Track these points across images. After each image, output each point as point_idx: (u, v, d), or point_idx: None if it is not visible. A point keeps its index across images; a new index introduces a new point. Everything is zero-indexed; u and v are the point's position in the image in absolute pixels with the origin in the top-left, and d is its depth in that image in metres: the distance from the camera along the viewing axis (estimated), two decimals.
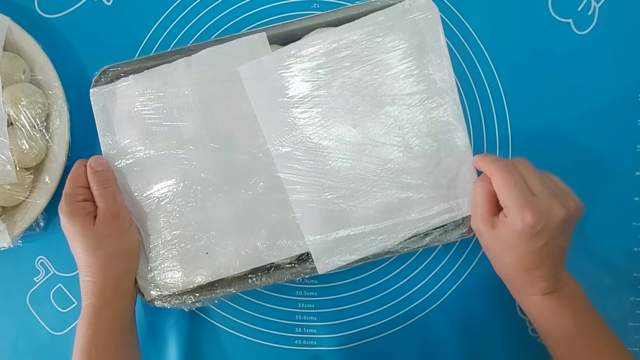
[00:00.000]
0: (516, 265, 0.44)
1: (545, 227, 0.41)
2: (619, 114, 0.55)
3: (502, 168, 0.44)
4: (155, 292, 0.51)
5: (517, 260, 0.44)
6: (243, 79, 0.51)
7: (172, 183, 0.51)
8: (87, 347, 0.45)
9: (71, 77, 0.54)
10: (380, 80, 0.50)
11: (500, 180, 0.43)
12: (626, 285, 0.54)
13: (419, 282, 0.55)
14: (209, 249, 0.51)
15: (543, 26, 0.56)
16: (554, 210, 0.42)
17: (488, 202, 0.45)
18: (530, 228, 0.41)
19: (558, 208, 0.42)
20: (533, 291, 0.44)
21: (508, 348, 0.54)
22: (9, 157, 0.51)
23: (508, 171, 0.43)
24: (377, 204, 0.50)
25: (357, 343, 0.55)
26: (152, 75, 0.51)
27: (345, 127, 0.50)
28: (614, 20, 0.56)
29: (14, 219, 0.53)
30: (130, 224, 0.50)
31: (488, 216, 0.45)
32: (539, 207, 0.41)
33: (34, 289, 0.56)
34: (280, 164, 0.50)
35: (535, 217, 0.41)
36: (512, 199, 0.42)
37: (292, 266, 0.51)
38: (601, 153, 0.55)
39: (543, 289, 0.44)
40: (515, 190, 0.42)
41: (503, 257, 0.45)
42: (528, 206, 0.41)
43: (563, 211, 0.42)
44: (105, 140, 0.52)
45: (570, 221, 0.43)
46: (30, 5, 0.58)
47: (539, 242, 0.42)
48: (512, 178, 0.43)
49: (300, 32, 0.52)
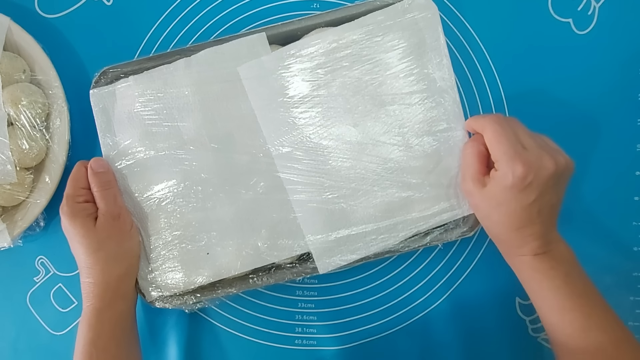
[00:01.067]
0: (507, 224, 0.44)
1: (535, 180, 0.41)
2: (619, 114, 0.55)
3: (494, 121, 0.44)
4: (156, 293, 0.51)
5: (508, 218, 0.43)
6: (243, 79, 0.51)
7: (172, 184, 0.51)
8: (88, 349, 0.45)
9: (71, 77, 0.54)
10: (380, 79, 0.50)
11: (492, 133, 0.43)
12: (626, 285, 0.54)
13: (419, 282, 0.55)
14: (209, 250, 0.51)
15: (543, 26, 0.56)
16: (544, 163, 0.41)
17: (478, 162, 0.45)
18: (520, 180, 0.41)
19: (547, 160, 0.42)
20: (524, 251, 0.44)
21: (508, 348, 0.54)
22: (9, 157, 0.51)
23: (499, 123, 0.43)
24: (377, 203, 0.50)
25: (357, 343, 0.55)
26: (152, 76, 0.51)
27: (345, 127, 0.50)
28: (614, 20, 0.56)
29: (14, 218, 0.53)
30: (131, 225, 0.50)
31: (479, 175, 0.45)
32: (529, 159, 0.41)
33: (34, 289, 0.56)
34: (281, 163, 0.50)
35: (525, 168, 0.41)
36: (502, 151, 0.42)
37: (293, 266, 0.51)
38: (601, 153, 0.55)
39: (534, 248, 0.44)
40: (507, 142, 0.42)
41: (493, 215, 0.44)
42: (518, 158, 0.41)
43: (552, 164, 0.42)
44: (105, 141, 0.52)
45: (560, 177, 0.43)
46: (30, 5, 0.58)
47: (529, 197, 0.42)
48: (504, 130, 0.43)
49: (300, 32, 0.52)
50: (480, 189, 0.45)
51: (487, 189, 0.44)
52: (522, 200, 0.42)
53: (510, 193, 0.42)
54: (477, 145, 0.46)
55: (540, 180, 0.41)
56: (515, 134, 0.43)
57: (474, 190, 0.45)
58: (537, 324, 0.54)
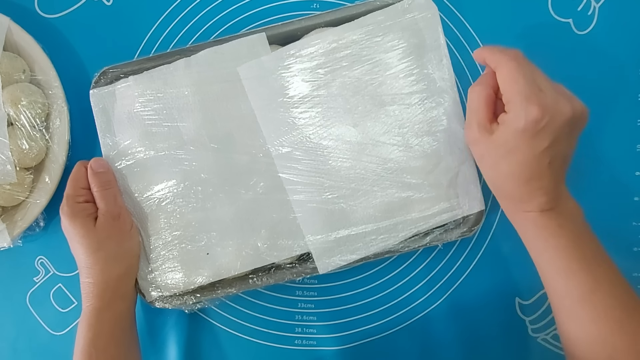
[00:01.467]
0: (516, 174, 0.41)
1: (550, 125, 0.38)
2: (619, 114, 0.55)
3: (511, 57, 0.40)
4: (156, 293, 0.51)
5: (517, 168, 0.40)
6: (243, 79, 0.51)
7: (172, 184, 0.51)
8: (88, 349, 0.45)
9: (71, 77, 0.54)
10: (380, 79, 0.50)
11: (507, 70, 0.40)
12: None
13: (419, 282, 0.55)
14: (209, 250, 0.51)
15: (543, 26, 0.56)
16: (560, 107, 0.39)
17: (486, 107, 0.42)
18: (534, 123, 0.38)
19: (564, 104, 0.39)
20: (531, 207, 0.41)
21: (508, 348, 0.54)
22: (9, 157, 0.51)
23: (517, 60, 0.40)
24: (377, 203, 0.50)
25: (357, 343, 0.55)
26: (151, 76, 0.51)
27: (345, 127, 0.50)
28: (614, 20, 0.56)
29: (14, 219, 0.53)
30: (130, 225, 0.50)
31: (485, 122, 0.42)
32: (545, 101, 0.38)
33: (34, 289, 0.56)
34: (281, 164, 0.50)
35: (540, 110, 0.38)
36: (517, 90, 0.39)
37: (292, 266, 0.51)
38: (601, 153, 0.55)
39: (542, 204, 0.41)
40: (523, 80, 0.39)
41: (502, 165, 0.41)
42: (534, 98, 0.38)
43: (569, 108, 0.39)
44: (105, 142, 0.52)
45: (575, 125, 0.40)
46: (30, 5, 0.58)
47: (542, 143, 0.39)
48: (522, 68, 0.39)
49: (299, 32, 0.52)
50: (487, 136, 0.41)
51: (496, 135, 0.41)
52: (534, 147, 0.39)
53: (522, 138, 0.39)
54: (486, 89, 0.42)
55: (555, 126, 0.38)
56: (532, 74, 0.40)
57: (481, 137, 0.42)
58: (537, 324, 0.54)
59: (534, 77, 0.40)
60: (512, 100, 0.39)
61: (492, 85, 0.42)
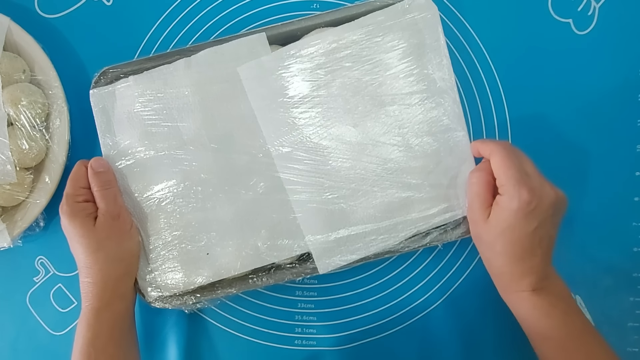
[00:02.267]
0: (510, 252, 0.44)
1: (538, 207, 0.43)
2: (619, 114, 0.55)
3: (502, 146, 0.45)
4: (156, 293, 0.51)
5: (511, 246, 0.44)
6: (243, 80, 0.51)
7: (172, 184, 0.51)
8: (87, 349, 0.45)
9: (71, 77, 0.54)
10: (380, 80, 0.50)
11: (500, 157, 0.44)
12: (626, 285, 0.54)
13: (419, 282, 0.55)
14: (209, 250, 0.51)
15: (543, 26, 0.56)
16: (546, 190, 0.43)
17: (486, 191, 0.46)
18: (525, 204, 0.42)
19: (549, 189, 0.44)
20: (523, 286, 0.44)
21: (508, 348, 0.54)
22: (9, 157, 0.51)
23: (507, 149, 0.45)
24: (377, 203, 0.50)
25: (357, 343, 0.55)
26: (151, 76, 0.51)
27: (345, 127, 0.50)
28: (614, 20, 0.56)
29: (14, 219, 0.53)
30: (130, 225, 0.50)
31: (487, 205, 0.46)
32: (533, 185, 0.43)
33: (34, 289, 0.56)
34: (281, 164, 0.50)
35: (530, 194, 0.42)
36: (509, 175, 0.43)
37: (292, 266, 0.51)
38: (601, 153, 0.55)
39: (533, 283, 0.44)
40: (514, 167, 0.43)
41: (497, 244, 0.45)
42: (524, 183, 0.43)
43: (554, 192, 0.44)
44: (105, 142, 0.52)
45: (558, 208, 0.44)
46: (30, 5, 0.58)
47: (532, 222, 0.43)
48: (511, 156, 0.44)
49: (299, 32, 0.52)
50: (485, 219, 0.45)
51: (492, 217, 0.45)
52: (526, 226, 0.43)
53: (515, 217, 0.43)
54: (486, 175, 0.46)
55: (543, 207, 0.43)
56: (520, 161, 0.44)
57: (480, 219, 0.46)
58: None
59: (522, 164, 0.44)
60: (505, 184, 0.44)
61: (490, 172, 0.46)
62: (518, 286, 0.45)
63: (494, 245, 0.45)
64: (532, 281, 0.44)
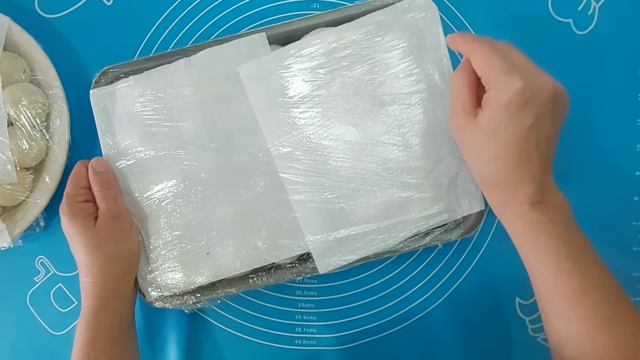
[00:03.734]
0: (502, 157, 0.39)
1: (534, 97, 0.37)
2: (619, 114, 0.55)
3: (482, 43, 0.40)
4: (156, 293, 0.51)
5: (503, 150, 0.39)
6: (243, 79, 0.51)
7: (172, 184, 0.51)
8: (86, 349, 0.45)
9: (71, 77, 0.54)
10: (380, 79, 0.50)
11: (480, 54, 0.39)
12: (626, 285, 0.53)
13: (419, 282, 0.55)
14: (209, 250, 0.51)
15: (543, 26, 0.56)
16: (542, 80, 0.38)
17: (469, 90, 0.41)
18: (518, 94, 0.37)
19: (546, 78, 0.39)
20: (520, 199, 0.40)
21: (508, 348, 0.54)
22: (9, 157, 0.51)
23: (489, 45, 0.40)
24: (377, 203, 0.50)
25: (357, 343, 0.55)
26: (151, 76, 0.51)
27: (345, 127, 0.50)
28: (614, 20, 0.56)
29: (14, 218, 0.53)
30: (130, 225, 0.50)
31: (470, 106, 0.41)
32: (525, 72, 0.38)
33: (34, 289, 0.56)
34: (281, 164, 0.50)
35: (523, 81, 0.37)
36: (496, 67, 0.38)
37: (292, 266, 0.51)
38: (601, 153, 0.55)
39: (531, 195, 0.40)
40: (497, 58, 0.38)
41: (487, 148, 0.40)
42: (515, 71, 0.38)
43: (552, 82, 0.38)
44: (105, 141, 0.52)
45: (558, 104, 0.39)
46: (30, 5, 0.58)
47: (527, 119, 0.38)
48: (494, 50, 0.39)
49: (300, 32, 0.52)
50: (471, 121, 0.40)
51: (480, 117, 0.40)
52: (520, 123, 0.38)
53: (506, 112, 0.38)
54: (467, 74, 0.41)
55: (539, 99, 0.38)
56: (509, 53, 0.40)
57: (465, 122, 0.41)
58: (537, 324, 0.54)
59: (508, 55, 0.39)
60: (493, 77, 0.39)
61: (472, 70, 0.41)
62: (514, 199, 0.41)
63: (483, 150, 0.40)
64: (529, 193, 0.40)
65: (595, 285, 0.40)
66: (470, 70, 0.42)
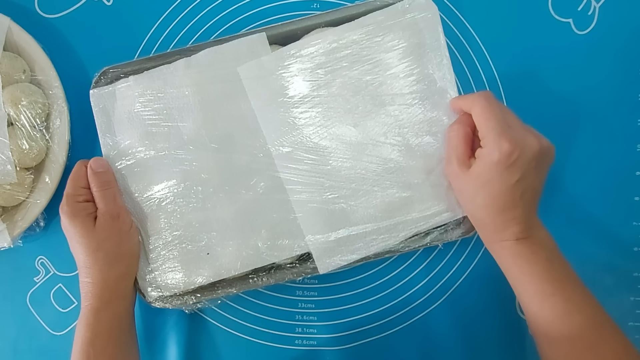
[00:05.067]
0: (491, 205, 0.44)
1: (520, 159, 0.42)
2: (619, 114, 0.55)
3: (482, 97, 0.44)
4: (156, 293, 0.51)
5: (492, 200, 0.44)
6: (243, 79, 0.51)
7: (172, 184, 0.51)
8: (86, 349, 0.45)
9: (71, 77, 0.54)
10: (380, 79, 0.50)
11: (480, 109, 0.44)
12: (626, 285, 0.54)
13: (419, 282, 0.55)
14: (209, 250, 0.51)
15: (543, 26, 0.56)
16: (528, 141, 0.42)
17: (464, 143, 0.46)
18: (506, 157, 0.42)
19: (532, 139, 0.43)
20: (506, 235, 0.44)
21: (508, 348, 0.54)
22: (9, 157, 0.51)
23: (488, 100, 0.44)
24: (377, 203, 0.50)
25: (357, 343, 0.55)
26: (152, 76, 0.51)
27: (345, 127, 0.50)
28: (614, 20, 0.56)
29: (14, 219, 0.53)
30: (130, 225, 0.50)
31: (464, 157, 0.46)
32: (514, 136, 0.42)
33: (34, 289, 0.56)
34: (281, 164, 0.50)
35: (511, 145, 0.41)
36: (490, 127, 0.43)
37: (293, 266, 0.51)
38: (601, 153, 0.55)
39: (516, 232, 0.44)
40: (494, 118, 0.43)
41: (478, 197, 0.44)
42: (505, 134, 0.42)
43: (536, 143, 0.43)
44: (105, 141, 0.52)
45: (543, 159, 0.43)
46: (30, 5, 0.58)
47: (513, 176, 0.42)
48: (492, 107, 0.43)
49: (300, 32, 0.52)
50: (465, 171, 0.45)
51: (473, 169, 0.44)
52: (507, 179, 0.42)
53: (496, 170, 0.42)
54: (464, 127, 0.46)
55: (525, 159, 0.42)
56: (502, 112, 0.44)
57: (460, 172, 0.45)
58: None
59: (504, 115, 0.44)
60: (486, 136, 0.43)
61: (469, 124, 0.46)
62: (501, 236, 0.45)
63: (474, 198, 0.45)
64: (515, 231, 0.44)
65: (578, 308, 0.43)
66: (466, 124, 0.46)
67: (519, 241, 0.44)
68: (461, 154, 0.46)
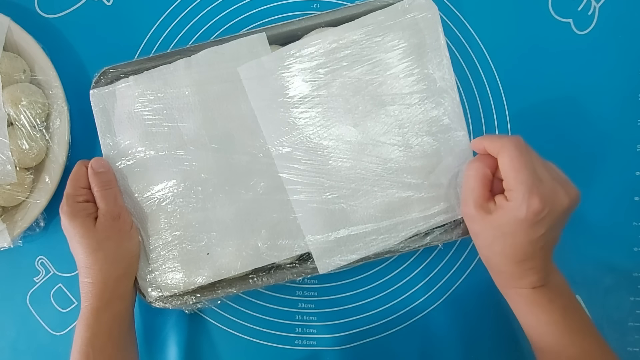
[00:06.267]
0: (509, 256, 0.42)
1: (548, 216, 0.39)
2: (619, 114, 0.55)
3: (513, 146, 0.40)
4: (156, 293, 0.51)
5: (511, 250, 0.41)
6: (243, 80, 0.51)
7: (172, 184, 0.51)
8: (85, 349, 0.45)
9: (71, 77, 0.54)
10: (380, 79, 0.50)
11: (509, 159, 0.40)
12: (626, 285, 0.54)
13: (419, 282, 0.55)
14: (209, 250, 0.51)
15: (543, 26, 0.56)
16: (559, 198, 0.40)
17: (482, 186, 0.43)
18: (534, 215, 0.39)
19: (562, 195, 0.40)
20: (523, 284, 0.43)
21: (508, 348, 0.54)
22: (9, 157, 0.51)
23: (519, 149, 0.40)
24: (377, 203, 0.50)
25: (357, 343, 0.55)
26: (152, 76, 0.51)
27: (345, 127, 0.50)
28: (614, 20, 0.56)
29: (14, 219, 0.53)
30: (130, 225, 0.50)
31: (482, 201, 0.43)
32: (545, 193, 0.39)
33: (34, 289, 0.56)
34: (281, 164, 0.50)
35: (541, 203, 0.38)
36: (520, 180, 0.39)
37: (293, 266, 0.51)
38: (601, 153, 0.55)
39: (534, 282, 0.42)
40: (526, 172, 0.39)
41: (496, 246, 0.42)
42: (536, 191, 0.39)
43: (567, 199, 0.40)
44: (105, 142, 0.52)
45: (570, 211, 0.41)
46: (30, 5, 0.58)
47: (538, 231, 0.40)
48: (523, 158, 0.40)
49: (300, 32, 0.52)
50: (483, 216, 0.42)
51: (493, 218, 0.42)
52: (531, 234, 0.40)
53: (520, 226, 0.40)
54: (482, 168, 0.43)
55: (554, 215, 0.40)
56: (533, 163, 0.40)
57: (477, 215, 0.43)
58: None
59: (535, 167, 0.40)
60: (515, 190, 0.40)
61: (489, 165, 0.43)
62: (517, 284, 0.44)
63: (491, 245, 0.43)
64: (532, 280, 0.43)
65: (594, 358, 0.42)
66: (486, 165, 0.43)
67: (536, 289, 0.43)
68: (478, 197, 0.43)
